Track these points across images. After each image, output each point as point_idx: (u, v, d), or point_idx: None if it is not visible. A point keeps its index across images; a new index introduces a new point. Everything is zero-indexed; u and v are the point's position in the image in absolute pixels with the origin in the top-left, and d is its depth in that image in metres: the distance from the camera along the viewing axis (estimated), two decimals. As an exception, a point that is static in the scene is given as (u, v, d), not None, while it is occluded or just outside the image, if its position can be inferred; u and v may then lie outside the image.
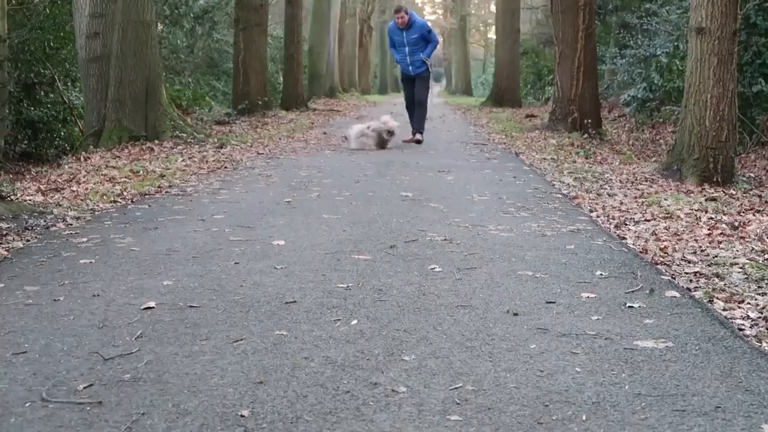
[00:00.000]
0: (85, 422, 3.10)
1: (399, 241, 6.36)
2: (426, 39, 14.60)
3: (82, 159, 11.97)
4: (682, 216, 7.54)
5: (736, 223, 7.16)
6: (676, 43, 15.85)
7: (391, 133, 13.71)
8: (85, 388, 3.42)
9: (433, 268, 5.53)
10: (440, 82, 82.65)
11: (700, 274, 5.52)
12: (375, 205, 8.09)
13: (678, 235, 6.77)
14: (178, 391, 3.39)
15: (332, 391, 3.40)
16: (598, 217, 7.65)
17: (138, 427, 3.06)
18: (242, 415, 3.16)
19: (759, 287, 5.19)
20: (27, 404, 3.26)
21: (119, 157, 11.95)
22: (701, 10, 9.43)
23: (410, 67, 14.72)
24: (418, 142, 14.74)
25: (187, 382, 3.50)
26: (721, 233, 6.80)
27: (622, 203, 8.35)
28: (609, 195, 8.93)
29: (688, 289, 5.14)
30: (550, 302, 4.76)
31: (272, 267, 5.56)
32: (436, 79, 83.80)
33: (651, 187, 9.42)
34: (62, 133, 15.11)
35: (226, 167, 11.24)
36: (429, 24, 15.64)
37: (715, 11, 9.32)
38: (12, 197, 7.80)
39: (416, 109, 14.94)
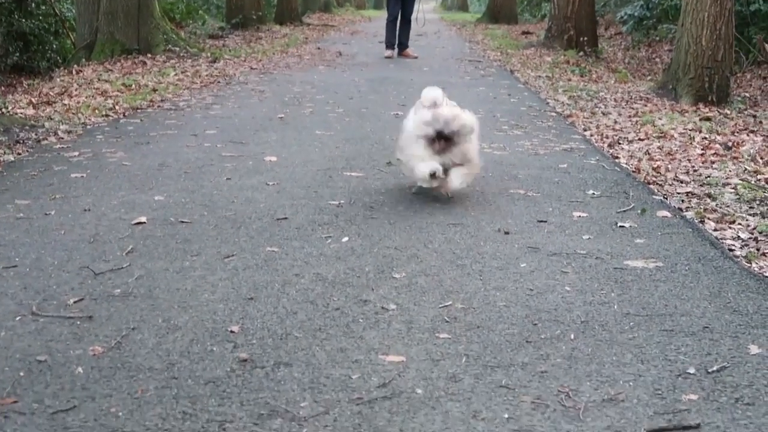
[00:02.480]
0: (75, 336, 3.11)
1: (392, 158, 6.33)
2: None
3: (74, 72, 11.88)
4: (675, 135, 7.51)
5: (730, 144, 7.15)
6: (675, -40, 15.66)
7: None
8: (75, 302, 3.43)
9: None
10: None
11: (692, 194, 5.52)
12: (368, 122, 8.04)
13: (671, 154, 6.75)
14: (168, 307, 3.40)
15: (322, 308, 3.42)
16: (591, 135, 7.62)
17: (128, 342, 3.07)
18: (232, 331, 3.17)
19: (750, 208, 5.20)
20: (17, 318, 3.27)
21: (111, 70, 11.85)
22: (701, -73, 9.29)
23: None
24: (414, 56, 15.08)
25: (177, 297, 3.51)
26: (715, 153, 6.79)
27: (616, 122, 8.31)
28: (603, 114, 8.89)
29: (680, 209, 5.14)
30: (542, 221, 4.76)
31: (264, 183, 5.54)
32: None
33: (646, 106, 9.38)
34: (54, 46, 14.93)
35: (218, 82, 11.15)
36: None
37: (715, -73, 9.18)
38: (3, 110, 7.73)
39: (404, 25, 15.15)
